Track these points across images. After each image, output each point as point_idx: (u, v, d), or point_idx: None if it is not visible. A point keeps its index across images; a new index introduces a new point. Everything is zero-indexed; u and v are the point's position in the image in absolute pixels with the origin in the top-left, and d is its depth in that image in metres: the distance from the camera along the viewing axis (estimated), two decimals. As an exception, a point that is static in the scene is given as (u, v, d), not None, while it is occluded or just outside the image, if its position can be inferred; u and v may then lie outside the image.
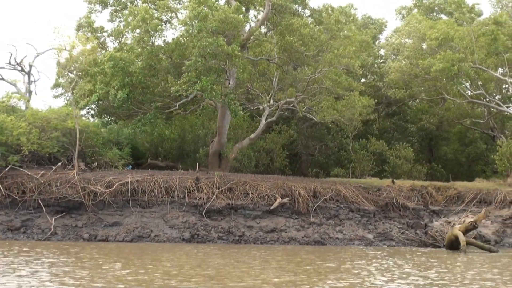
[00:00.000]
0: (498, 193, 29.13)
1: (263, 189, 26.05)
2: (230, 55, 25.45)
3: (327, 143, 37.22)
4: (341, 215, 26.40)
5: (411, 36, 33.94)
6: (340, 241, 25.05)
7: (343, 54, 26.63)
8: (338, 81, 27.52)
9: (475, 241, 23.36)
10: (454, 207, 29.03)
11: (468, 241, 23.14)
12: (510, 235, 27.36)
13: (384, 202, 28.22)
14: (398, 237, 25.85)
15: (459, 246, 23.30)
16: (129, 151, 28.06)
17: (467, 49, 31.69)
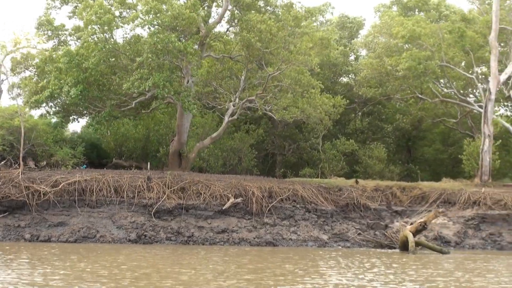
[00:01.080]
0: (462, 193, 28.44)
1: (216, 188, 25.45)
2: (182, 51, 24.88)
3: (299, 143, 36.60)
4: (296, 216, 25.77)
5: (381, 33, 33.26)
6: (293, 242, 24.41)
7: (300, 51, 25.99)
8: (297, 78, 26.86)
9: (426, 242, 22.70)
10: (418, 207, 28.37)
11: (419, 242, 22.50)
12: (472, 236, 26.67)
13: (345, 202, 27.58)
14: (354, 238, 25.19)
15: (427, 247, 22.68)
16: (82, 150, 27.51)
17: (435, 46, 30.99)
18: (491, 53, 30.29)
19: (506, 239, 26.34)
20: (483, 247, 25.99)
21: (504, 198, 27.72)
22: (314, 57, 27.38)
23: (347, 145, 34.49)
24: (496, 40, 30.19)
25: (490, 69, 30.41)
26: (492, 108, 30.25)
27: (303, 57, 26.15)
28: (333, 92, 37.46)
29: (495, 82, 30.11)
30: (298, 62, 26.22)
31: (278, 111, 27.89)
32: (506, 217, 27.08)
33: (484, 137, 30.28)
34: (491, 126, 30.20)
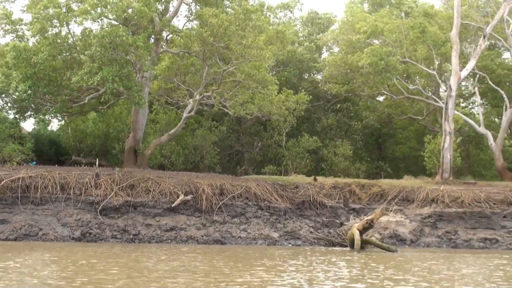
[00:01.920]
0: (421, 191, 28.05)
1: (166, 186, 24.97)
2: (132, 46, 24.38)
3: (264, 140, 36.16)
4: (248, 213, 25.31)
5: (346, 29, 32.83)
6: (243, 240, 23.95)
7: (253, 45, 25.51)
8: (251, 74, 26.38)
9: (374, 240, 22.25)
10: (377, 205, 27.94)
11: (368, 240, 22.07)
12: (428, 234, 26.28)
13: (301, 200, 27.16)
14: (306, 236, 24.72)
15: (362, 245, 22.27)
16: (31, 146, 26.94)
17: (397, 42, 30.58)
18: (452, 49, 29.89)
19: (461, 238, 25.98)
20: (438, 245, 25.61)
21: (462, 196, 27.35)
22: (268, 51, 26.83)
23: (311, 142, 34.00)
24: (457, 36, 29.79)
25: (452, 65, 30.02)
26: (452, 104, 29.86)
27: (256, 51, 25.65)
28: (300, 88, 37.09)
29: (456, 78, 29.72)
30: (251, 57, 25.72)
31: (233, 107, 27.39)
32: (463, 215, 26.70)
33: (444, 134, 29.91)
34: (451, 123, 29.82)
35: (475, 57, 30.31)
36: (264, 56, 25.97)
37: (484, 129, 33.88)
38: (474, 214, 26.72)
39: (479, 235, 26.06)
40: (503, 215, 26.72)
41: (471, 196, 27.34)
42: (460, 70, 30.33)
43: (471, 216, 26.69)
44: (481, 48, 30.26)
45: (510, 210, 26.83)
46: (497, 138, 33.41)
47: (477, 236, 26.02)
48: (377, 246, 21.89)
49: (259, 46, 25.88)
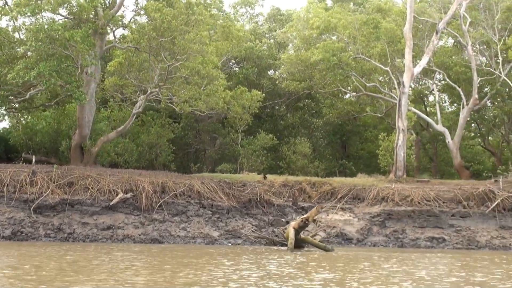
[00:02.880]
0: (372, 189, 27.62)
1: (105, 183, 24.35)
2: (69, 40, 23.73)
3: (222, 138, 35.60)
4: (189, 212, 24.74)
5: (300, 25, 32.34)
6: (181, 239, 23.37)
7: (195, 40, 24.94)
8: (196, 69, 25.81)
9: (310, 239, 21.71)
10: (327, 203, 27.51)
11: (304, 239, 21.56)
12: (376, 233, 25.84)
13: (247, 198, 26.64)
14: (248, 235, 24.16)
15: (301, 244, 21.78)
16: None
17: (351, 38, 30.11)
18: (405, 45, 29.46)
19: (409, 236, 25.55)
20: (385, 244, 25.18)
21: (412, 194, 26.95)
22: (211, 46, 26.25)
23: (267, 140, 33.47)
24: (411, 31, 29.38)
25: (405, 62, 29.60)
26: (406, 101, 29.44)
27: (199, 46, 25.07)
28: (259, 86, 36.60)
29: (409, 75, 29.30)
30: (194, 52, 25.15)
31: (179, 103, 26.81)
32: (412, 213, 26.29)
33: (398, 131, 29.48)
34: (405, 120, 29.41)
35: (428, 53, 29.90)
36: (207, 51, 25.38)
37: (441, 126, 33.52)
38: (423, 212, 26.33)
39: (427, 234, 25.65)
40: (452, 214, 26.34)
41: (421, 194, 26.95)
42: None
43: (420, 214, 26.29)
44: (434, 44, 29.88)
45: (459, 209, 26.45)
46: (454, 136, 33.00)
47: (424, 235, 25.62)
48: (313, 245, 21.40)
49: (202, 41, 25.29)
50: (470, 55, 32.27)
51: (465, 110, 32.76)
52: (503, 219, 26.18)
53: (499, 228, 25.96)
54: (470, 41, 32.45)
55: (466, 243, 25.00)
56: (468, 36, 32.34)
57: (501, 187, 26.86)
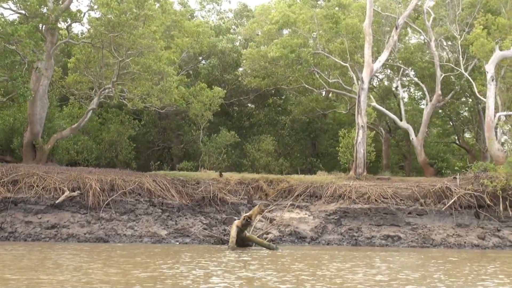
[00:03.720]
0: (329, 187, 27.18)
1: (51, 181, 23.75)
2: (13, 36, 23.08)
3: (185, 135, 35.04)
4: (138, 210, 24.19)
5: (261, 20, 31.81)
6: (128, 238, 22.80)
7: (144, 35, 24.36)
8: (146, 65, 25.25)
9: (255, 238, 21.20)
10: (283, 201, 27.06)
11: (248, 238, 21.04)
12: (331, 231, 25.38)
13: (201, 196, 26.14)
14: (197, 233, 23.61)
15: (247, 242, 21.28)
16: None
17: (310, 33, 29.63)
18: (365, 40, 29.02)
19: (364, 235, 25.11)
20: (339, 243, 24.71)
21: (369, 191, 26.54)
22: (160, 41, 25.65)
23: (228, 137, 32.93)
24: (370, 27, 28.94)
25: (364, 57, 29.16)
26: (365, 97, 28.99)
27: (147, 42, 24.49)
28: (223, 82, 36.08)
29: (368, 71, 28.86)
30: (142, 47, 24.58)
31: (131, 99, 26.23)
32: (368, 211, 25.89)
33: (357, 128, 29.03)
34: (364, 117, 28.96)
35: (388, 49, 29.48)
36: (157, 46, 24.79)
37: (405, 123, 33.13)
38: (379, 210, 25.93)
39: (383, 232, 25.24)
40: (409, 212, 25.97)
41: (378, 192, 26.56)
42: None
43: (376, 212, 25.90)
44: (393, 40, 29.45)
45: (416, 206, 26.08)
46: (418, 133, 32.63)
47: (380, 233, 25.20)
48: (258, 243, 20.91)
49: (152, 36, 24.71)
50: (433, 51, 31.89)
51: (428, 106, 32.38)
52: (460, 217, 25.84)
53: (456, 226, 25.60)
54: (434, 37, 32.07)
55: (421, 241, 24.60)
56: (431, 32, 31.96)
57: (458, 184, 26.50)
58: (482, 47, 29.41)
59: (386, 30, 30.96)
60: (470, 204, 25.93)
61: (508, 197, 25.75)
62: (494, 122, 28.71)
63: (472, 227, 25.53)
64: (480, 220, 25.79)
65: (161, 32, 26.76)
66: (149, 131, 35.20)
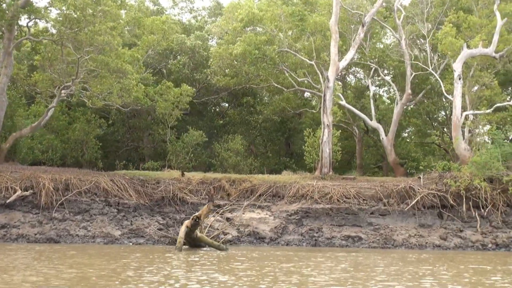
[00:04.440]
0: (292, 187, 26.76)
1: (3, 180, 23.25)
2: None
3: (153, 134, 34.56)
4: (93, 210, 23.69)
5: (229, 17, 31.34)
6: (80, 238, 22.29)
7: (100, 32, 23.88)
8: (105, 62, 24.77)
9: (205, 238, 20.73)
10: (245, 201, 26.64)
11: (200, 238, 20.57)
12: (292, 232, 24.93)
13: (160, 196, 25.71)
14: (153, 234, 23.11)
15: (199, 243, 20.83)
16: None
17: (276, 31, 29.19)
18: (331, 38, 28.62)
19: (324, 235, 24.65)
20: (298, 243, 24.25)
21: (331, 191, 26.12)
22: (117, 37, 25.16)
23: (195, 137, 32.46)
24: (337, 24, 28.53)
25: (330, 55, 28.75)
26: (331, 96, 28.59)
27: (103, 38, 24.01)
28: (194, 81, 35.61)
29: (334, 69, 28.45)
30: (100, 44, 24.10)
31: (90, 97, 25.74)
32: (330, 211, 25.47)
33: (323, 127, 28.62)
34: (330, 116, 28.55)
35: (354, 47, 29.08)
36: (113, 43, 24.30)
37: (375, 122, 32.73)
38: (341, 210, 25.52)
39: (344, 233, 24.80)
40: (371, 212, 25.56)
41: (341, 192, 26.15)
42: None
43: (338, 212, 25.48)
44: (360, 38, 29.05)
45: (379, 206, 25.68)
46: (388, 132, 32.25)
47: (341, 234, 24.76)
48: (208, 244, 20.46)
49: (109, 32, 24.21)
50: (403, 49, 31.51)
51: (398, 105, 32.00)
52: (423, 217, 25.46)
53: (418, 226, 25.20)
54: (404, 36, 31.69)
55: (382, 242, 24.16)
56: (402, 30, 31.59)
57: (422, 184, 26.12)
58: (451, 45, 29.05)
59: (356, 28, 30.51)
60: (434, 204, 25.54)
61: (472, 197, 25.39)
62: (461, 121, 28.35)
63: (435, 228, 25.13)
64: (443, 221, 25.41)
65: (120, 29, 26.24)
66: (117, 130, 34.71)
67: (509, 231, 24.53)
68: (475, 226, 24.97)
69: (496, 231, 24.58)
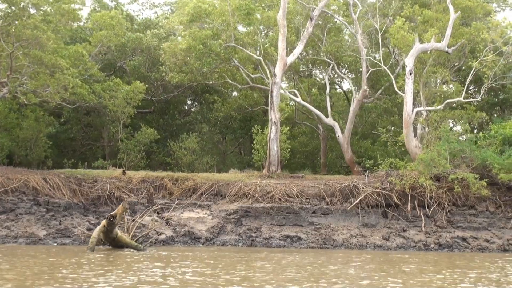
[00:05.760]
0: (235, 185, 25.97)
1: None
2: None
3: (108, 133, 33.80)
4: (20, 209, 22.96)
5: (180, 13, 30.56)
6: (1, 238, 21.50)
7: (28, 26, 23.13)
8: (38, 57, 24.02)
9: (124, 238, 19.92)
10: (187, 200, 25.90)
11: (119, 238, 19.81)
12: (230, 231, 24.14)
13: (96, 195, 24.96)
14: (79, 234, 22.32)
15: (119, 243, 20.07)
16: None
17: (224, 25, 28.40)
18: (279, 32, 27.82)
19: (263, 235, 23.84)
20: (235, 243, 23.44)
21: (273, 190, 25.31)
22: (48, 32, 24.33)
23: (147, 135, 31.69)
24: (284, 18, 27.71)
25: (278, 50, 27.95)
26: (278, 92, 27.80)
27: (31, 32, 23.25)
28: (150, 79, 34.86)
29: (281, 64, 27.64)
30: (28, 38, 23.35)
31: (24, 93, 25.00)
32: (270, 210, 24.70)
33: (270, 124, 27.82)
34: (277, 112, 27.75)
35: (303, 42, 28.24)
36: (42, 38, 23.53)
37: (331, 120, 31.88)
38: (282, 209, 24.74)
39: (283, 233, 23.99)
40: (313, 211, 24.77)
41: (283, 190, 25.36)
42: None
43: (278, 212, 24.70)
44: (308, 32, 28.20)
45: (321, 205, 24.89)
46: (344, 130, 31.41)
47: (281, 233, 23.95)
48: (126, 244, 19.69)
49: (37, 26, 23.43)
50: (359, 44, 30.68)
51: (354, 102, 31.15)
52: (366, 216, 24.68)
53: (361, 225, 24.41)
54: (360, 30, 30.86)
55: (321, 242, 23.35)
56: (358, 25, 30.75)
57: (367, 182, 25.29)
58: (403, 39, 28.22)
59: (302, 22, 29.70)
60: (378, 203, 24.76)
61: (417, 196, 24.61)
62: (412, 118, 27.50)
63: (378, 227, 24.33)
64: (388, 220, 24.60)
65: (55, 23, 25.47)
66: (70, 129, 33.95)
67: (454, 231, 23.72)
68: (420, 226, 24.16)
69: (440, 231, 23.75)
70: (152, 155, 34.22)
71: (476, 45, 28.88)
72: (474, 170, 24.76)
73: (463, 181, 24.20)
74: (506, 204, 24.46)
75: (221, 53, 28.15)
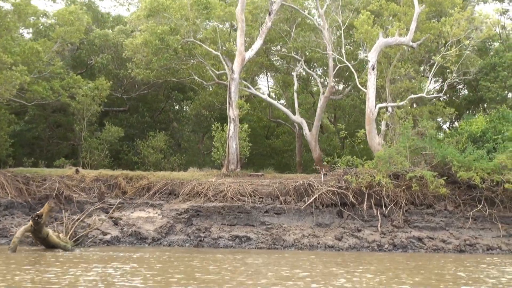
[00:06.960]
0: (188, 184, 25.26)
1: None
2: None
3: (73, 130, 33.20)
4: (-42, 208, 22.41)
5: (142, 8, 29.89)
6: None
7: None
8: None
9: (53, 238, 19.33)
10: (141, 199, 25.24)
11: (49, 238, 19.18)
12: (179, 231, 23.44)
13: (44, 194, 24.35)
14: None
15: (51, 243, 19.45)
16: None
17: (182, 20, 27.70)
18: (238, 27, 27.07)
19: (212, 235, 23.08)
20: (182, 244, 22.74)
21: (226, 189, 24.55)
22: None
23: (111, 133, 31.05)
24: (243, 13, 26.96)
25: (236, 46, 27.20)
26: (236, 88, 27.04)
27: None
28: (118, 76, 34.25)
29: (239, 60, 26.88)
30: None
31: (-28, 90, 24.51)
32: (221, 210, 23.91)
33: (229, 121, 27.05)
34: (235, 109, 26.98)
35: (261, 36, 27.46)
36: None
37: (299, 117, 31.04)
38: (233, 209, 23.96)
39: (233, 233, 23.21)
40: (265, 210, 23.96)
41: (236, 189, 24.57)
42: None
43: (230, 211, 23.93)
44: (267, 27, 27.42)
45: (274, 205, 24.08)
46: (312, 127, 30.58)
47: (230, 233, 23.17)
48: (54, 244, 19.05)
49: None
50: (326, 40, 29.84)
51: (321, 99, 30.30)
52: (320, 216, 23.82)
53: (315, 225, 23.56)
54: (327, 25, 30.02)
55: (271, 242, 22.53)
56: (324, 20, 29.91)
57: (323, 181, 24.43)
58: (367, 34, 27.39)
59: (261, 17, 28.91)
60: (333, 202, 23.90)
61: (374, 194, 23.71)
62: (375, 114, 26.62)
63: (332, 227, 23.45)
64: (343, 220, 23.71)
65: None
66: (35, 127, 33.42)
67: (410, 231, 22.79)
68: (376, 226, 23.26)
69: (396, 231, 22.83)
70: (121, 154, 33.57)
71: (442, 39, 27.92)
72: (434, 168, 23.84)
73: (421, 179, 23.30)
74: (465, 203, 23.46)
75: (179, 48, 27.42)
